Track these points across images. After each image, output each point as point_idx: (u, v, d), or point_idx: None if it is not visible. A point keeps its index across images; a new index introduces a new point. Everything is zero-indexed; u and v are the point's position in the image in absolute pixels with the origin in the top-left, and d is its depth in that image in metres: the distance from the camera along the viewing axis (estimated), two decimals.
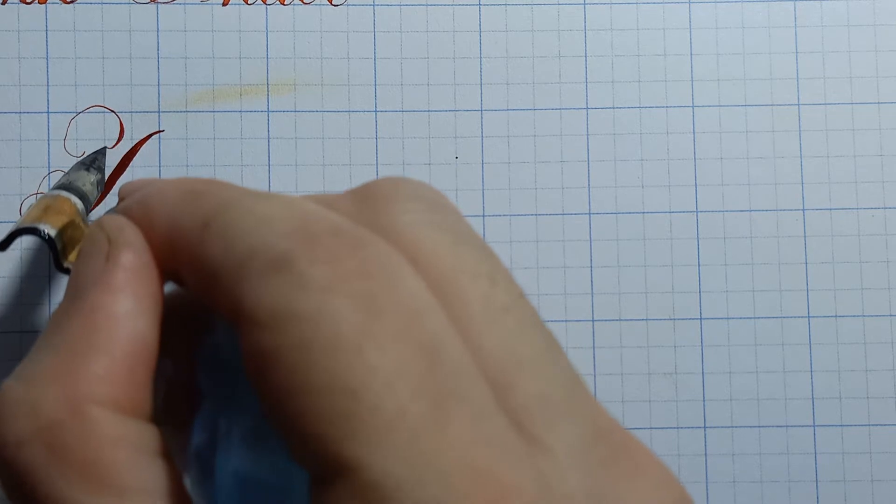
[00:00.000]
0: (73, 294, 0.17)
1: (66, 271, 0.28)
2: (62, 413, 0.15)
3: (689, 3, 0.35)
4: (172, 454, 0.16)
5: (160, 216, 0.18)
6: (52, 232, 0.27)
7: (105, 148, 0.34)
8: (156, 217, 0.18)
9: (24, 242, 0.33)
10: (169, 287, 0.18)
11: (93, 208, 0.32)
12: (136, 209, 0.18)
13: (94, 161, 0.33)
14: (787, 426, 0.34)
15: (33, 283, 0.33)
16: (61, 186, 0.31)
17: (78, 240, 0.29)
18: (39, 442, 0.15)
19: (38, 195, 0.34)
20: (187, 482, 0.17)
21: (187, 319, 0.19)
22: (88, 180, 0.32)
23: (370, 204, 0.18)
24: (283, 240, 0.16)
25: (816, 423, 0.34)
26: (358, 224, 0.17)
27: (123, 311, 0.17)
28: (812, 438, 0.34)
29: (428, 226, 0.17)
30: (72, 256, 0.28)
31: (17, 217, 0.33)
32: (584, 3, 0.35)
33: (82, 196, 0.31)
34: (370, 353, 0.14)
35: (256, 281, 0.15)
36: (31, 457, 0.15)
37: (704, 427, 0.34)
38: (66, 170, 0.34)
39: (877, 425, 0.34)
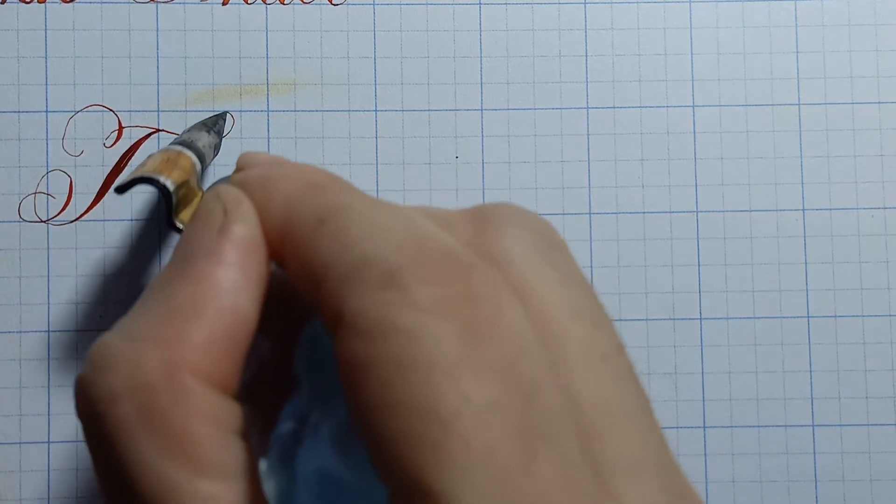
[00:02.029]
0: (181, 258, 0.17)
1: (177, 229, 0.27)
2: (159, 376, 0.15)
3: (690, 2, 0.35)
4: (249, 435, 0.16)
5: (277, 200, 0.18)
6: (171, 186, 0.27)
7: (227, 112, 0.34)
8: (273, 200, 0.18)
9: (24, 242, 0.33)
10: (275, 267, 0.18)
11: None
12: (254, 186, 0.18)
13: (215, 124, 0.32)
14: (786, 426, 0.34)
15: (33, 283, 0.33)
16: (182, 143, 0.30)
17: (189, 200, 0.28)
18: (132, 401, 0.15)
19: (38, 194, 0.34)
20: (262, 466, 0.17)
21: (291, 303, 0.19)
22: (208, 142, 0.31)
23: (484, 228, 0.18)
24: (395, 253, 0.16)
25: (816, 423, 0.34)
26: (470, 247, 0.17)
27: (229, 285, 0.17)
28: (811, 438, 0.34)
29: (538, 260, 0.17)
30: (182, 215, 0.28)
31: (16, 217, 0.33)
32: (585, 3, 0.35)
33: (200, 157, 0.30)
34: (467, 381, 0.14)
35: (363, 289, 0.15)
36: (122, 414, 0.15)
37: (704, 427, 0.34)
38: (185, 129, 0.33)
39: (876, 425, 0.34)
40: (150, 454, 0.15)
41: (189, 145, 0.30)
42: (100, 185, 0.34)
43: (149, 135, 0.34)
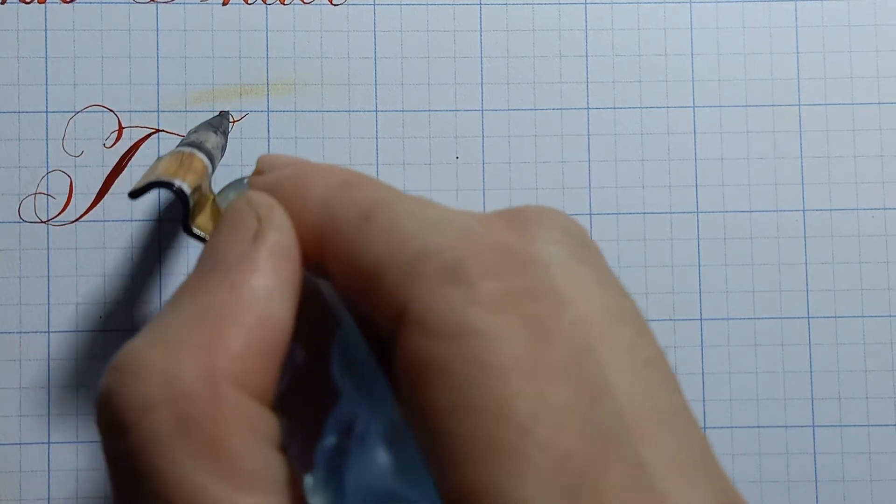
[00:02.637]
0: (212, 266, 0.17)
1: (194, 235, 0.27)
2: (196, 385, 0.15)
3: (690, 3, 0.35)
4: (286, 447, 0.16)
5: (313, 201, 0.17)
6: (188, 189, 0.26)
7: (228, 112, 0.33)
8: (308, 201, 0.17)
9: (24, 242, 0.33)
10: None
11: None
12: (286, 188, 0.18)
13: (220, 124, 0.32)
14: (786, 426, 0.34)
15: (33, 283, 0.33)
16: (191, 144, 0.29)
17: (203, 204, 0.27)
18: (168, 411, 0.15)
19: (38, 195, 0.33)
20: (308, 481, 0.16)
21: (323, 310, 0.18)
22: (215, 143, 0.30)
23: (517, 227, 0.17)
24: (453, 246, 0.15)
25: (816, 424, 0.34)
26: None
27: (265, 293, 0.16)
28: (811, 438, 0.34)
29: (574, 261, 0.17)
30: (198, 221, 0.27)
31: (15, 217, 0.33)
32: (585, 3, 0.35)
33: (210, 158, 0.29)
34: (542, 383, 0.14)
35: (427, 284, 0.15)
36: (156, 425, 0.15)
37: (704, 427, 0.34)
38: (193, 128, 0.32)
39: (876, 425, 0.34)
40: (186, 466, 0.14)
41: (199, 146, 0.29)
42: (100, 185, 0.34)
43: (149, 135, 0.34)
